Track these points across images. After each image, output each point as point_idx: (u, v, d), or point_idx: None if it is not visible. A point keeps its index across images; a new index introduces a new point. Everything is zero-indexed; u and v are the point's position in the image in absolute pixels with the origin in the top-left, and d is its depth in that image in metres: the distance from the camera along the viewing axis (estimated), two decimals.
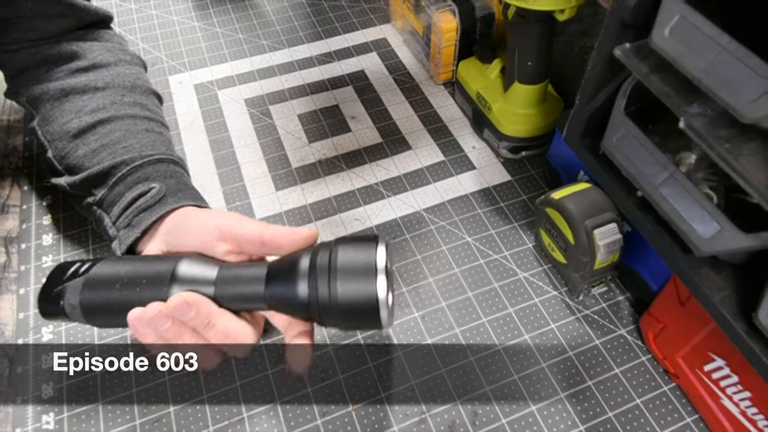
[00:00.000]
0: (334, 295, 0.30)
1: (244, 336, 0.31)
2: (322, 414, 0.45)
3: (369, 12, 0.85)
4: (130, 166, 0.41)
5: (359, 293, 0.30)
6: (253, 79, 0.75)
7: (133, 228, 0.38)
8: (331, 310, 0.30)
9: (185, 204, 0.39)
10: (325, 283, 0.30)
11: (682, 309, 0.42)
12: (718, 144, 0.31)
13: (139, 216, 0.39)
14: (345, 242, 0.31)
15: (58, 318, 0.36)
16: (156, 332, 0.31)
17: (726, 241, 0.33)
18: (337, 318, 0.31)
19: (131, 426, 0.45)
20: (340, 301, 0.30)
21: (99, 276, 0.34)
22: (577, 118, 0.44)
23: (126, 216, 0.39)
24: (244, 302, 0.33)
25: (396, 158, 0.65)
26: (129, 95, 0.47)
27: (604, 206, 0.46)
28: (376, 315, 0.30)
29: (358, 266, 0.30)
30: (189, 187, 0.43)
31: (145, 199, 0.39)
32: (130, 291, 0.33)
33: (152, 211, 0.39)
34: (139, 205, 0.39)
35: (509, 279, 0.53)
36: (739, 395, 0.39)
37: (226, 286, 0.32)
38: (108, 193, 0.41)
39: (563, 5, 0.48)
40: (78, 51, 0.48)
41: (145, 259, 0.35)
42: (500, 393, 0.46)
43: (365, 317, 0.30)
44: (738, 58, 0.28)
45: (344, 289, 0.30)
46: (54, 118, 0.45)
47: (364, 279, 0.30)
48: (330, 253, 0.31)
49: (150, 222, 0.38)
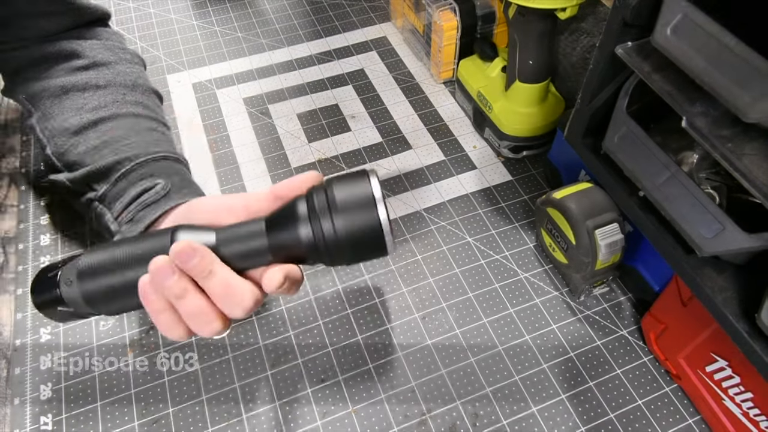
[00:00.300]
0: (339, 230, 0.30)
1: (243, 290, 0.31)
2: (322, 415, 0.45)
3: (369, 10, 0.85)
4: (135, 162, 0.41)
5: (363, 223, 0.30)
6: (252, 78, 0.74)
7: (136, 223, 0.38)
8: (338, 245, 0.31)
9: (189, 200, 0.39)
10: (328, 220, 0.30)
11: (684, 309, 0.42)
12: (720, 143, 0.31)
13: (144, 211, 0.38)
14: (337, 180, 0.32)
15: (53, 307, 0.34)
16: (162, 292, 0.30)
17: (728, 241, 0.33)
18: (345, 252, 0.31)
19: (130, 427, 0.45)
20: (346, 234, 0.30)
21: (95, 254, 0.33)
22: (579, 118, 0.44)
23: (129, 211, 0.39)
24: (248, 258, 0.32)
25: (396, 158, 0.64)
26: (130, 94, 0.47)
27: (606, 206, 0.46)
28: (382, 241, 0.31)
29: (356, 199, 0.31)
30: (193, 184, 0.43)
31: (150, 194, 0.39)
32: (129, 262, 0.32)
33: (157, 206, 0.38)
34: (143, 201, 0.39)
35: (510, 279, 0.53)
36: (741, 396, 0.39)
37: (229, 244, 0.32)
38: (111, 189, 0.41)
39: (564, 3, 0.48)
40: (78, 49, 0.48)
41: (138, 237, 0.34)
42: (501, 394, 0.46)
43: (372, 246, 0.31)
44: (741, 57, 0.28)
45: (348, 222, 0.30)
46: (54, 115, 0.45)
47: (365, 209, 0.30)
48: (325, 192, 0.31)
49: (155, 217, 0.38)
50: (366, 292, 0.53)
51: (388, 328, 0.50)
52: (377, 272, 0.54)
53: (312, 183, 0.33)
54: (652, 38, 0.33)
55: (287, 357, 0.49)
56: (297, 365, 0.48)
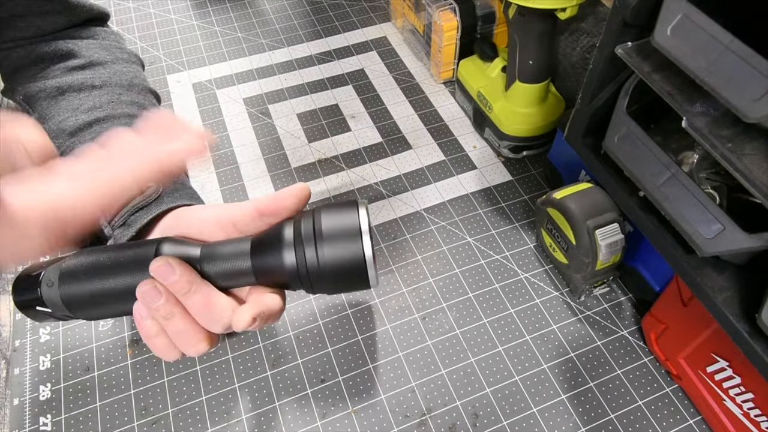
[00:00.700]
0: (322, 258, 0.30)
1: (223, 307, 0.31)
2: (322, 416, 0.45)
3: (369, 11, 0.85)
4: None
5: (347, 255, 0.30)
6: (252, 78, 0.74)
7: (128, 227, 0.38)
8: (320, 274, 0.31)
9: (182, 203, 0.39)
10: (312, 248, 0.30)
11: (685, 310, 0.41)
12: (720, 143, 0.31)
13: (135, 215, 0.38)
14: (326, 209, 0.32)
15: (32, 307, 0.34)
16: (154, 315, 0.31)
17: (729, 241, 0.33)
18: (327, 282, 0.31)
19: (129, 427, 0.44)
20: (328, 264, 0.30)
21: (80, 258, 0.33)
22: (579, 118, 0.44)
23: (121, 215, 0.39)
24: (231, 278, 0.32)
25: (396, 158, 0.64)
26: (126, 94, 0.47)
27: (606, 206, 0.46)
28: (364, 275, 0.31)
29: (342, 230, 0.31)
30: (186, 186, 0.42)
31: (141, 197, 0.39)
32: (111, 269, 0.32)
33: (148, 210, 0.38)
34: (134, 204, 0.38)
35: (510, 279, 0.53)
36: (741, 397, 0.39)
37: (213, 262, 0.32)
38: None
39: (564, 3, 0.48)
40: (74, 49, 0.48)
41: (125, 244, 0.34)
42: (501, 394, 0.46)
43: (354, 278, 0.31)
44: (741, 57, 0.28)
45: (332, 253, 0.30)
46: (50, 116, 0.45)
47: (350, 241, 0.30)
48: (313, 219, 0.31)
49: (146, 221, 0.38)
50: (366, 292, 0.53)
51: (388, 328, 0.50)
52: (377, 272, 0.54)
53: (295, 198, 0.33)
54: (652, 38, 0.33)
55: (287, 357, 0.48)
56: (297, 365, 0.48)
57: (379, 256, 0.53)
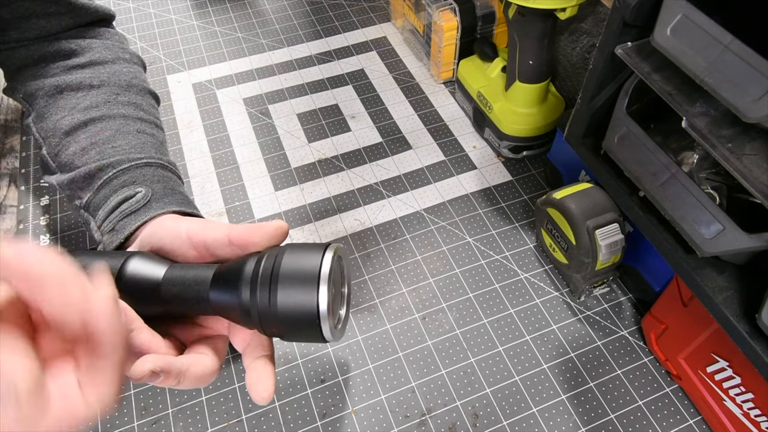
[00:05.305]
0: (274, 304, 0.28)
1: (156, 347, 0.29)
2: (322, 416, 0.45)
3: (369, 11, 0.85)
4: (117, 169, 0.41)
5: (299, 303, 0.28)
6: (252, 78, 0.74)
7: (116, 233, 0.38)
8: (270, 318, 0.28)
9: (170, 210, 0.38)
10: (266, 289, 0.28)
11: (685, 310, 0.41)
12: (720, 143, 0.31)
13: (123, 221, 0.38)
14: (293, 248, 0.30)
15: None
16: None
17: (729, 241, 0.33)
18: (278, 328, 0.29)
19: (130, 427, 0.44)
20: (279, 310, 0.28)
21: None
22: (579, 118, 0.44)
23: (110, 221, 0.38)
24: (189, 305, 0.31)
25: (396, 158, 0.64)
26: (124, 94, 0.47)
27: (606, 206, 0.46)
28: (316, 327, 0.28)
29: (300, 273, 0.28)
30: (176, 192, 0.41)
31: (130, 203, 0.38)
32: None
33: (136, 216, 0.38)
34: (123, 210, 0.38)
35: (510, 279, 0.53)
36: (741, 397, 0.39)
37: (174, 285, 0.31)
38: (93, 197, 0.41)
39: (564, 4, 0.48)
40: (76, 48, 0.48)
41: (97, 253, 0.33)
42: (501, 394, 0.46)
43: (306, 329, 0.29)
44: (741, 57, 0.28)
45: (284, 298, 0.28)
46: (48, 114, 0.45)
47: (305, 288, 0.28)
48: (275, 258, 0.29)
49: (133, 228, 0.37)
50: (366, 292, 0.53)
51: (388, 328, 0.50)
52: (377, 272, 0.54)
53: (266, 236, 0.32)
54: (652, 38, 0.33)
55: (287, 357, 0.48)
56: (297, 365, 0.48)
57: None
